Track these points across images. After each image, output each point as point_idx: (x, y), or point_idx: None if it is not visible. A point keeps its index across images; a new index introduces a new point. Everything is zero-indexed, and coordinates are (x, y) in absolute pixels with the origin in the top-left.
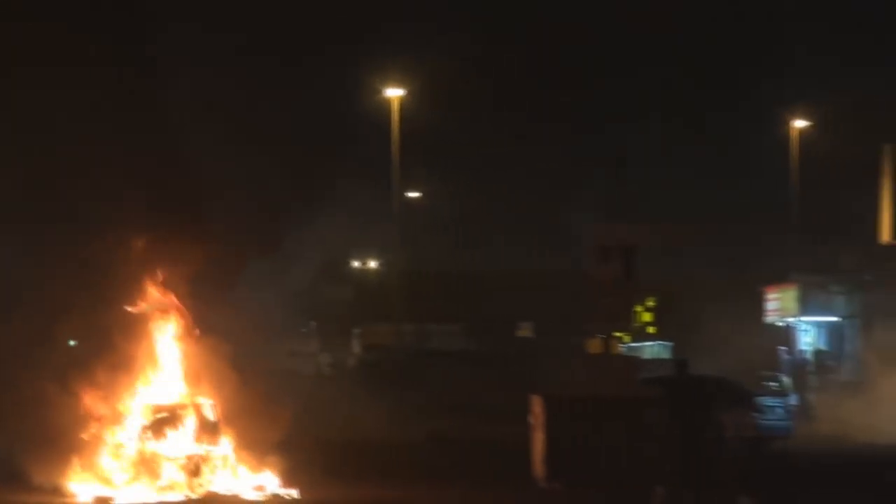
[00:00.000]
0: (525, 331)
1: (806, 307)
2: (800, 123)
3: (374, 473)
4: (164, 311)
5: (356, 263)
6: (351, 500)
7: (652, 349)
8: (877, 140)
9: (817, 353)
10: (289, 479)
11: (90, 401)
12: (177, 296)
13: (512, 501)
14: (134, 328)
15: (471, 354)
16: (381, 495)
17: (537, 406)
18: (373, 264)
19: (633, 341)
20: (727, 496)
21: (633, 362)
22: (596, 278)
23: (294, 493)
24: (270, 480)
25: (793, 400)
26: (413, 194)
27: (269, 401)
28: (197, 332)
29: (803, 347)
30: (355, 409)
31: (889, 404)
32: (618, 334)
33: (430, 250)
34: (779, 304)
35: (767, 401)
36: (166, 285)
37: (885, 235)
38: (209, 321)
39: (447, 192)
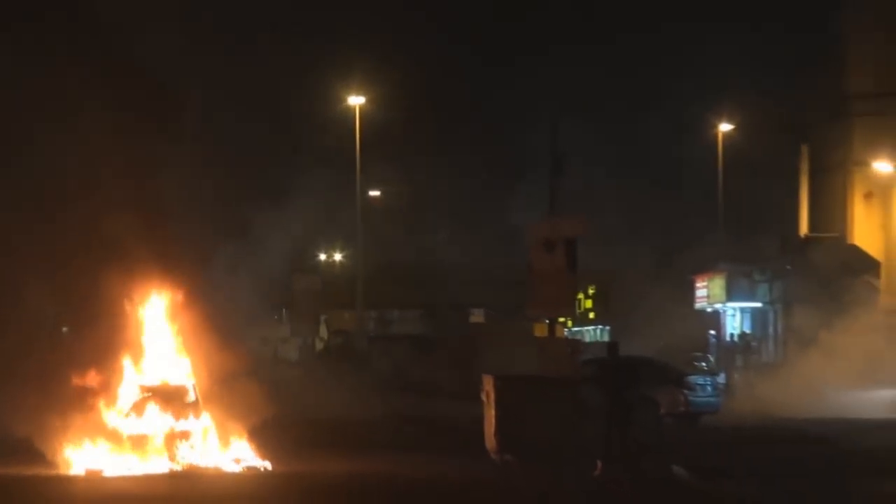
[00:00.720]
0: (477, 317)
1: (732, 294)
2: (725, 126)
3: (340, 447)
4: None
5: (323, 256)
6: (321, 471)
7: (592, 333)
8: (796, 140)
9: (742, 335)
10: (263, 453)
11: (82, 381)
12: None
13: (467, 473)
14: (123, 312)
15: (427, 338)
16: (346, 467)
17: (489, 385)
18: (338, 257)
19: (576, 325)
20: (660, 467)
21: (576, 345)
22: (540, 268)
23: (268, 464)
24: (247, 453)
25: (720, 379)
26: (375, 193)
27: (246, 381)
28: (183, 315)
29: (730, 331)
30: (322, 388)
31: (805, 382)
32: (561, 319)
33: (390, 243)
34: (707, 292)
35: (697, 380)
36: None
37: (803, 228)
38: (190, 307)
39: (406, 189)
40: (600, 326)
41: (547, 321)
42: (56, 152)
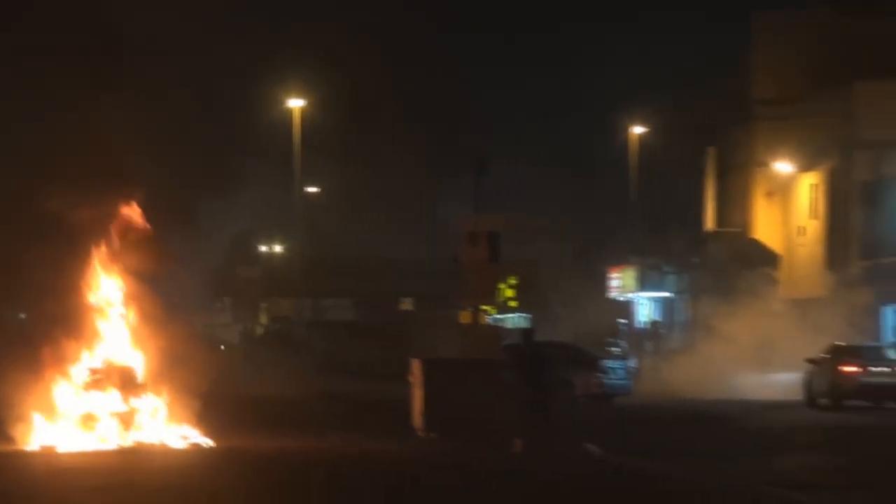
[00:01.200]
0: (406, 304)
1: (643, 285)
2: (638, 129)
3: (278, 424)
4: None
5: (263, 248)
6: (260, 447)
7: (514, 320)
8: (704, 142)
9: (652, 323)
10: (206, 430)
11: (38, 363)
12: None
13: (396, 448)
14: (76, 298)
15: (361, 324)
16: (283, 443)
17: (416, 368)
18: (278, 248)
19: (498, 313)
20: (574, 444)
21: (498, 331)
22: (466, 260)
23: (210, 441)
24: (191, 431)
25: (632, 363)
26: (313, 189)
27: (191, 363)
28: (132, 301)
29: (641, 319)
30: (262, 370)
31: (708, 367)
32: (484, 307)
33: (327, 236)
34: (620, 282)
35: (610, 364)
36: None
37: (709, 224)
38: (139, 293)
39: (342, 185)
40: (521, 314)
41: (471, 309)
42: None
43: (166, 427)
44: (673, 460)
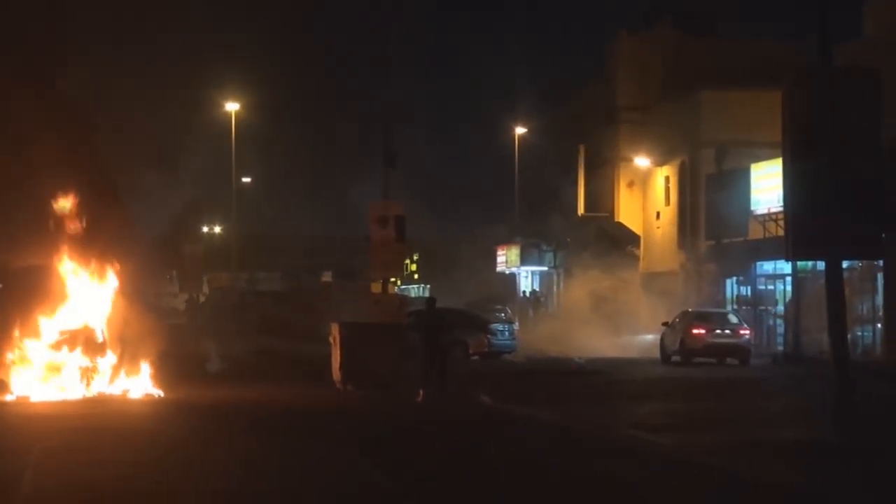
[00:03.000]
0: (327, 277)
1: (525, 260)
2: (520, 129)
3: (219, 378)
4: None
5: (205, 228)
6: (203, 397)
7: (417, 290)
8: (577, 140)
9: (533, 293)
10: (158, 383)
11: (12, 326)
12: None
13: (322, 397)
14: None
15: (288, 293)
16: (224, 393)
17: (335, 330)
18: (217, 229)
19: (404, 284)
20: (470, 396)
21: (402, 300)
22: (376, 239)
23: (161, 392)
24: (144, 383)
25: (516, 326)
26: (246, 179)
27: (145, 326)
28: (96, 271)
29: (523, 289)
30: (205, 332)
31: (579, 330)
32: (392, 279)
33: (259, 218)
34: (506, 258)
35: (498, 327)
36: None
37: (581, 209)
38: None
39: (272, 174)
40: (423, 285)
41: (381, 281)
42: None
43: (124, 380)
44: (552, 406)
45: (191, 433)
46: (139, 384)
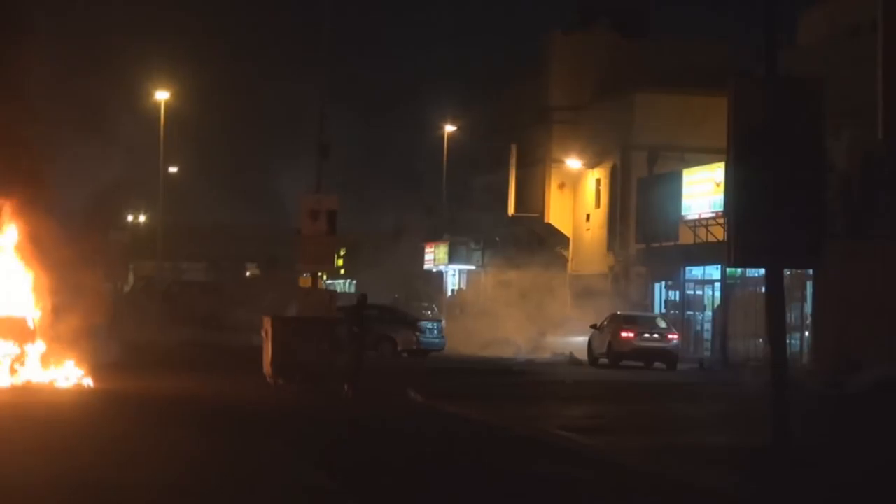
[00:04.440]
0: (254, 269)
1: (453, 259)
2: (449, 128)
3: (147, 368)
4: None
5: (131, 217)
6: (131, 387)
7: (343, 285)
8: (509, 140)
9: (460, 291)
10: (89, 372)
11: None
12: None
13: (252, 391)
14: None
15: (214, 284)
16: (153, 384)
17: (267, 324)
18: (142, 217)
19: (329, 279)
20: (400, 391)
21: (332, 294)
22: (308, 233)
23: (91, 381)
24: (74, 372)
25: (444, 324)
26: (173, 169)
27: (73, 314)
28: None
29: (452, 287)
30: (132, 321)
31: (508, 330)
32: (319, 273)
33: (184, 208)
34: (434, 256)
35: (426, 324)
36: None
37: (511, 209)
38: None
39: (202, 162)
40: (349, 280)
41: (308, 274)
42: None
43: (52, 369)
44: (483, 405)
45: (122, 424)
46: (69, 372)
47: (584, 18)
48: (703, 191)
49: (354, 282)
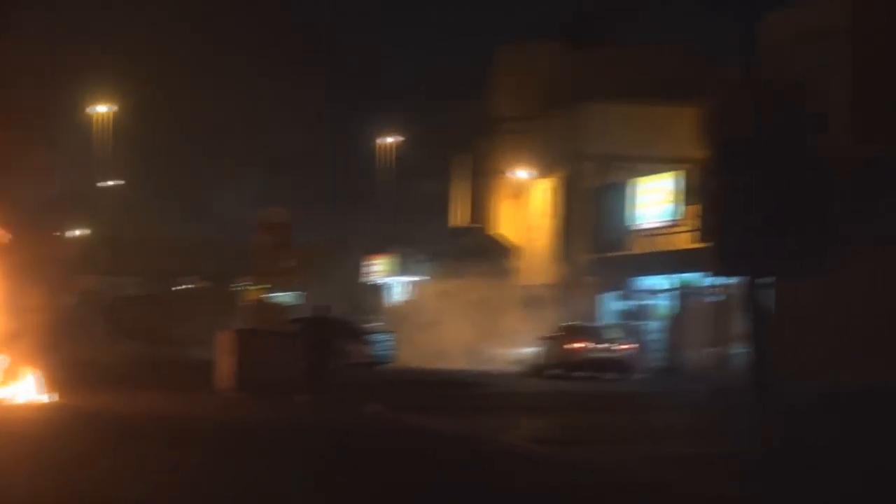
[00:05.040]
0: (201, 283)
1: (400, 270)
2: (399, 137)
3: (105, 384)
4: None
5: (72, 231)
6: (94, 403)
7: (286, 297)
8: (457, 151)
9: (405, 303)
10: (50, 387)
11: None
12: None
13: (211, 404)
14: None
15: (158, 298)
16: (115, 400)
17: (228, 337)
18: (81, 231)
19: (272, 291)
20: (357, 403)
21: (283, 307)
22: (262, 246)
23: (55, 397)
24: (34, 387)
25: (393, 336)
26: (112, 183)
27: (28, 330)
28: None
29: (398, 298)
30: (78, 337)
31: (457, 341)
32: (261, 286)
33: (127, 221)
34: (380, 268)
35: (377, 337)
36: None
37: (461, 220)
38: None
39: (140, 177)
40: (296, 292)
41: (257, 287)
42: None
43: (13, 385)
44: (446, 417)
45: (85, 441)
46: (28, 388)
47: (534, 29)
48: (655, 200)
49: (298, 294)
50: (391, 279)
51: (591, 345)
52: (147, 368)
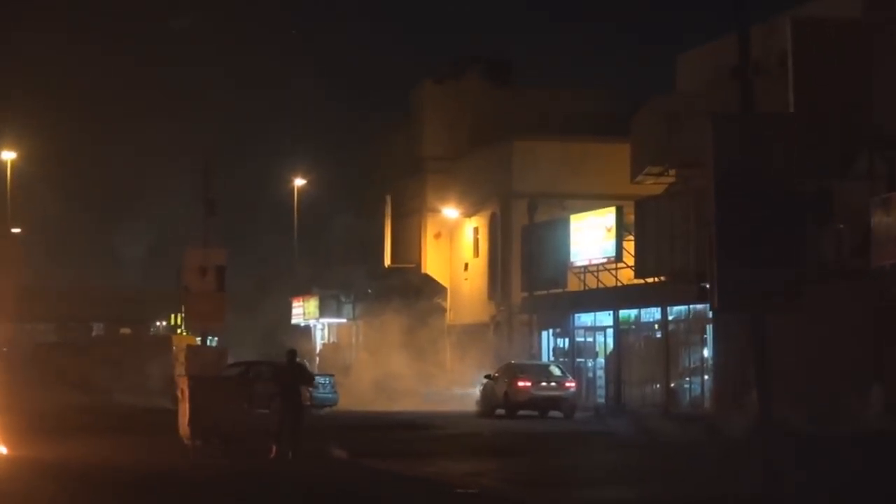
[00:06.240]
0: (125, 330)
1: (323, 312)
2: (299, 181)
3: (50, 434)
4: None
5: None
6: (44, 454)
7: (206, 341)
8: (382, 191)
9: (331, 345)
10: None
11: None
12: None
13: (171, 453)
14: None
15: (84, 345)
16: (66, 450)
17: (183, 384)
18: None
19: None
20: (319, 450)
21: (223, 353)
22: (196, 289)
23: (4, 449)
24: None
25: (333, 379)
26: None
27: None
28: None
29: (321, 341)
30: (10, 385)
31: (392, 383)
32: (179, 331)
33: (30, 268)
34: (303, 310)
35: (320, 379)
36: None
37: (387, 260)
38: None
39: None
40: (209, 336)
41: (194, 332)
42: None
43: None
44: (412, 461)
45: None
46: None
47: (456, 67)
48: (592, 237)
49: (216, 339)
50: (316, 321)
51: (536, 383)
52: (91, 417)
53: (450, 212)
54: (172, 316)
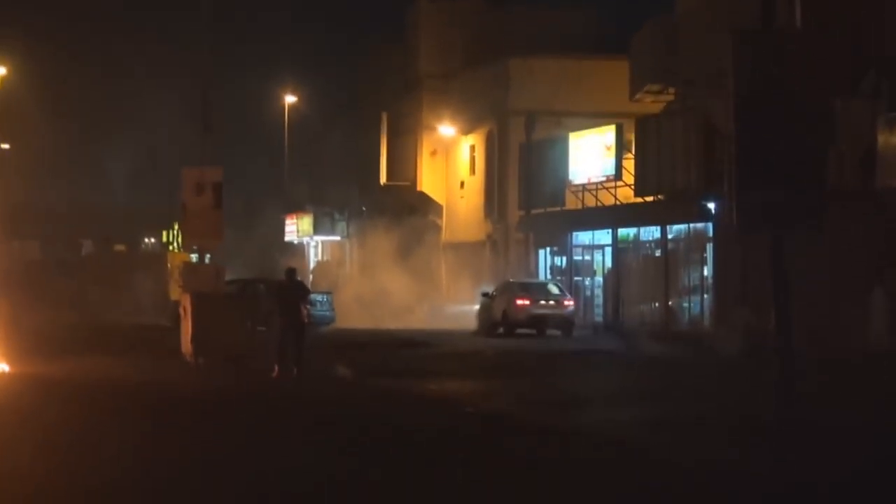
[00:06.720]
0: (120, 246)
1: (317, 229)
2: (290, 98)
3: (52, 352)
4: None
5: None
6: (48, 371)
7: (195, 259)
8: (378, 107)
9: (328, 263)
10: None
11: None
12: None
13: (175, 371)
14: None
15: (75, 263)
16: (69, 368)
17: (186, 301)
18: None
19: (184, 251)
20: (323, 369)
21: (220, 269)
22: (193, 207)
23: (6, 367)
24: None
25: (331, 297)
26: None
27: None
28: None
29: (315, 258)
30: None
31: (385, 298)
32: (171, 247)
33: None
34: (296, 228)
35: (317, 297)
36: None
37: (383, 178)
38: None
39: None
40: (207, 254)
41: (192, 250)
42: None
43: None
44: (423, 380)
45: (63, 410)
46: None
47: None
48: (592, 155)
49: (208, 256)
50: (310, 238)
51: (535, 301)
52: (91, 335)
53: (446, 130)
54: (164, 233)
